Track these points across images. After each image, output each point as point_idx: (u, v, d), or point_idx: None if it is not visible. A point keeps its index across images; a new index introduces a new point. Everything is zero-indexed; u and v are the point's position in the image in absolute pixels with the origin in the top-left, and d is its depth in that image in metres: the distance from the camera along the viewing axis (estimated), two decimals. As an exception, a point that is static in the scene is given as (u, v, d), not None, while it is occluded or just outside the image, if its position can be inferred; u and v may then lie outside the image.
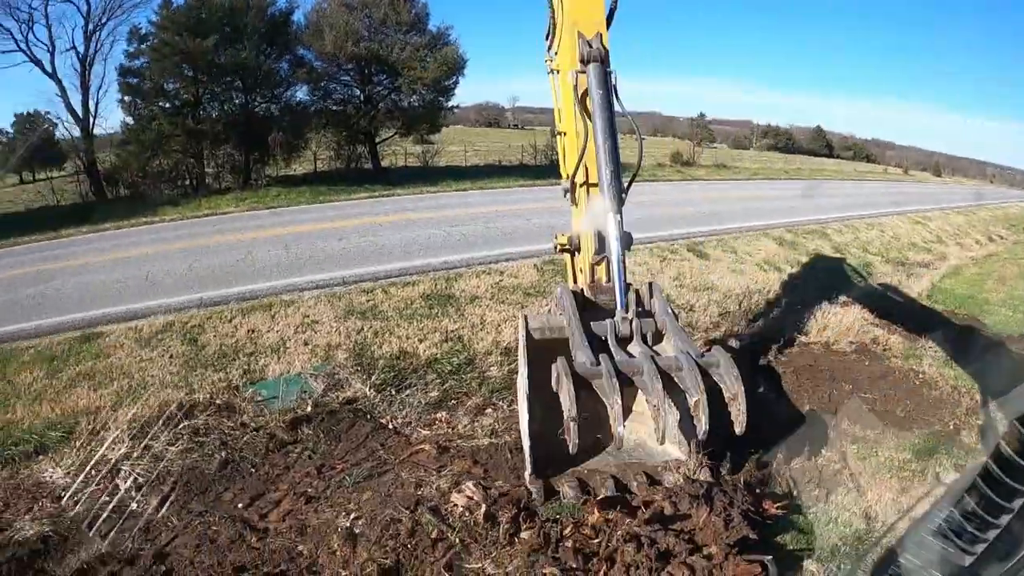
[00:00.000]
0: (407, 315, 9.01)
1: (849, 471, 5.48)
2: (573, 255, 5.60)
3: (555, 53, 5.60)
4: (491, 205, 19.53)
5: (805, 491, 5.16)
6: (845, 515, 4.83)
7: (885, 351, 8.26)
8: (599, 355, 3.97)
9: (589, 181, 5.01)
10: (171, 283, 11.06)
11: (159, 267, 12.15)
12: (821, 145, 76.54)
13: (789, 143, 76.41)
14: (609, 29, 4.84)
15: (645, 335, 4.36)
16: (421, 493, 4.83)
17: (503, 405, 6.50)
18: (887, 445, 5.89)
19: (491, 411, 6.38)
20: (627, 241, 4.56)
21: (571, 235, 5.47)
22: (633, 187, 4.84)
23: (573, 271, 5.71)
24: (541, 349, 4.68)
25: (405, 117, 27.61)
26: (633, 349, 4.25)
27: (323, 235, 14.65)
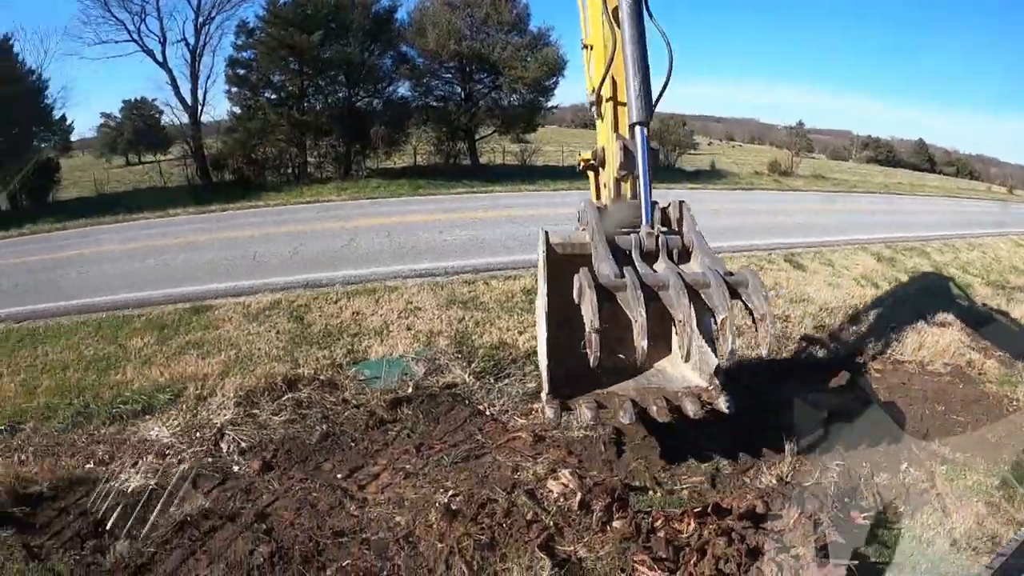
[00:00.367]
0: (507, 307, 9.17)
1: (936, 491, 5.35)
2: (597, 171, 5.49)
3: None
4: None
5: (891, 507, 5.13)
6: (929, 534, 4.75)
7: (980, 375, 7.92)
8: (623, 267, 3.96)
9: (616, 93, 4.88)
10: (277, 264, 11.61)
11: (265, 248, 12.76)
12: (923, 159, 72.58)
13: (890, 156, 72.80)
14: None
15: (671, 251, 4.34)
16: (517, 477, 4.95)
17: None
18: (976, 469, 5.67)
19: None
20: (654, 158, 4.53)
21: (595, 149, 5.36)
22: (729, 194, 4.82)
23: (597, 187, 5.63)
24: (562, 265, 4.58)
25: (504, 115, 27.99)
26: (658, 267, 4.23)
27: (424, 227, 14.97)
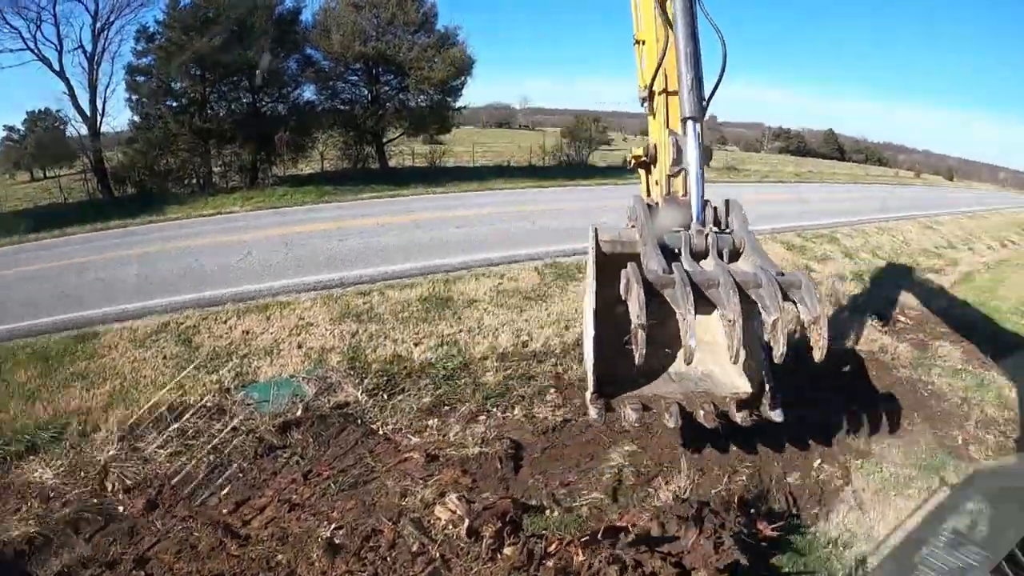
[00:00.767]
0: (403, 318, 8.88)
1: (851, 488, 5.29)
2: (648, 168, 5.38)
3: None
4: (497, 207, 19.48)
5: (804, 509, 4.98)
6: (846, 536, 4.64)
7: (893, 360, 8.05)
8: (672, 264, 3.83)
9: (668, 88, 4.81)
10: (170, 283, 11.01)
11: (159, 267, 12.14)
12: (833, 148, 75.98)
13: (801, 146, 75.82)
14: None
15: (721, 251, 4.19)
16: (405, 504, 4.79)
17: (496, 412, 6.34)
18: (892, 460, 5.69)
19: (483, 418, 6.22)
20: (707, 154, 4.44)
21: (647, 146, 5.26)
22: (635, 188, 4.71)
23: (647, 185, 5.49)
24: (610, 263, 4.47)
25: (412, 117, 27.65)
26: (707, 265, 4.09)
27: (325, 235, 14.59)
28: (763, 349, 4.54)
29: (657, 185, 5.04)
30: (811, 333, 3.60)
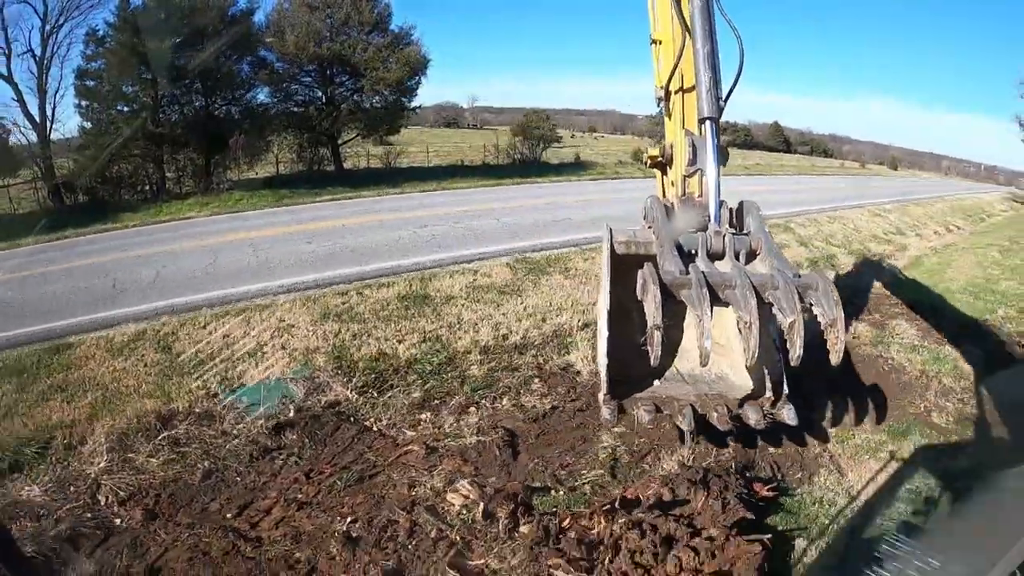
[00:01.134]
0: (384, 317, 8.96)
1: (829, 454, 5.64)
2: (664, 169, 5.33)
3: None
4: (458, 205, 19.63)
5: (788, 475, 5.30)
6: (829, 495, 4.97)
7: (855, 338, 8.45)
8: (688, 265, 3.83)
9: (684, 86, 4.80)
10: (138, 290, 10.91)
11: (123, 275, 11.98)
12: (779, 141, 77.65)
13: (747, 138, 77.23)
14: None
15: (738, 252, 4.16)
16: (415, 494, 4.87)
17: (486, 404, 6.49)
18: (863, 428, 6.09)
19: (475, 410, 6.36)
20: (724, 155, 4.44)
21: (663, 146, 5.21)
22: (596, 184, 4.81)
23: (663, 186, 5.44)
24: (624, 265, 4.48)
25: (367, 118, 27.62)
26: (723, 266, 4.06)
27: (290, 238, 14.62)
28: (777, 351, 4.62)
29: (673, 186, 5.00)
30: (828, 336, 3.59)
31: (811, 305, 3.68)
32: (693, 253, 4.13)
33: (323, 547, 4.33)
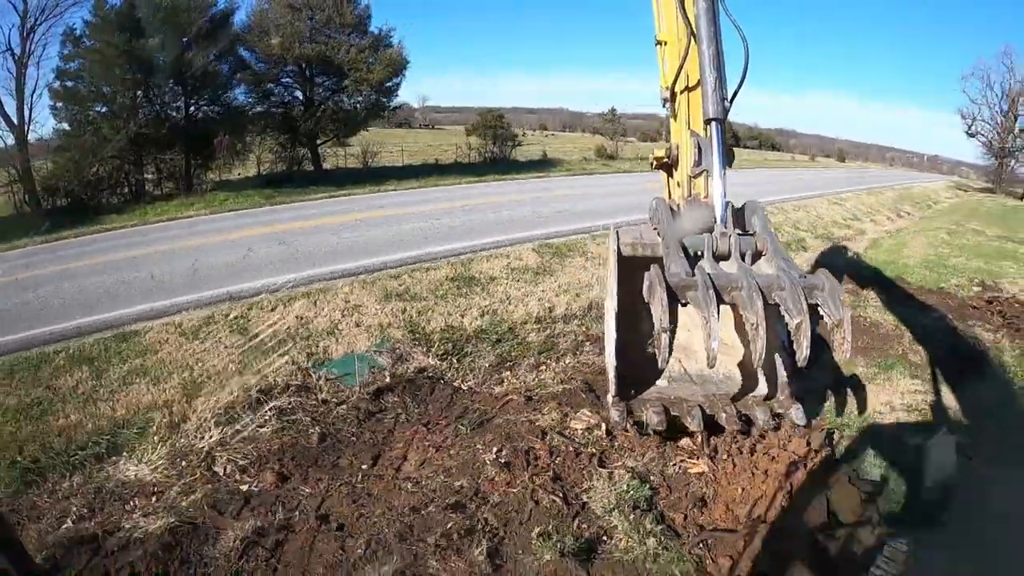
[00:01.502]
0: (440, 295, 9.81)
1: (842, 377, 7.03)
2: (670, 171, 5.39)
3: None
4: (454, 200, 20.30)
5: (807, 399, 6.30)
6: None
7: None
8: (695, 267, 3.90)
9: (689, 85, 4.86)
10: (183, 281, 11.12)
11: (159, 268, 12.19)
12: (728, 136, 79.03)
13: (698, 134, 78.28)
14: None
15: (744, 253, 4.16)
16: (539, 426, 5.46)
17: (551, 363, 7.32)
18: (858, 364, 7.49)
19: (545, 367, 7.19)
20: (730, 156, 4.52)
21: (668, 147, 5.26)
22: (569, 180, 5.49)
23: (668, 187, 5.50)
24: (631, 267, 4.50)
25: (347, 118, 27.91)
26: (729, 267, 4.08)
27: (313, 231, 15.14)
28: (784, 351, 4.78)
29: (679, 187, 5.06)
30: (834, 336, 3.64)
31: (817, 305, 3.72)
32: (699, 254, 4.16)
33: (479, 474, 4.75)
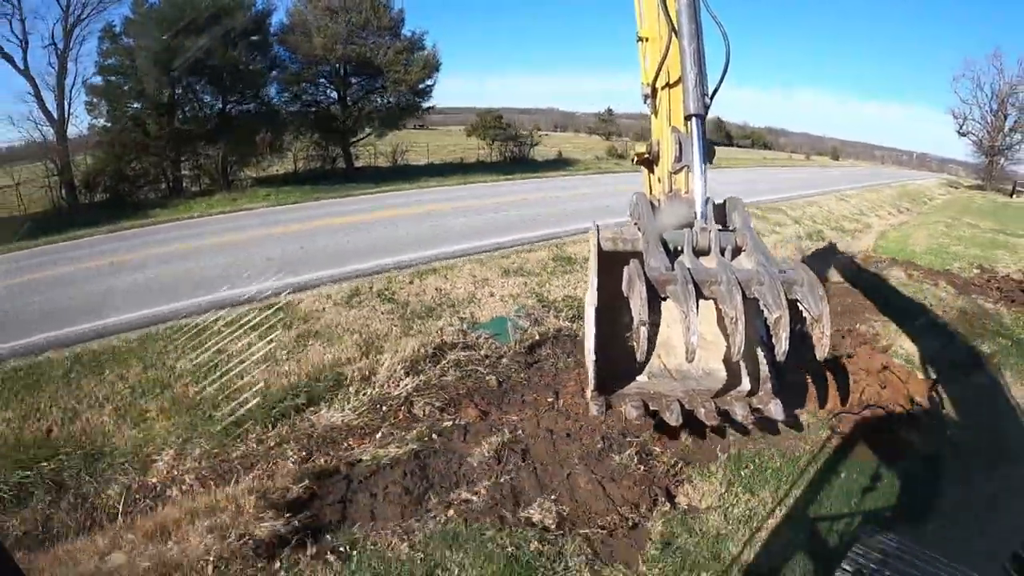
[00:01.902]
0: (550, 271, 11.16)
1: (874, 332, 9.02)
2: (651, 166, 5.33)
3: None
4: (504, 196, 21.20)
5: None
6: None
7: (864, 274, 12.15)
8: (675, 262, 3.88)
9: (670, 81, 4.79)
10: (306, 259, 11.96)
11: (274, 250, 12.81)
12: (721, 135, 78.72)
13: (689, 134, 77.58)
14: None
15: (724, 248, 4.14)
16: None
17: None
18: (889, 319, 9.44)
19: None
20: (710, 152, 4.46)
21: (650, 143, 5.21)
22: (592, 178, 6.31)
23: (650, 182, 5.43)
24: (611, 261, 4.46)
25: (382, 117, 28.45)
26: (709, 263, 4.07)
27: (387, 223, 15.77)
28: (764, 346, 4.74)
29: (660, 182, 5.00)
30: (813, 331, 3.60)
31: (797, 301, 3.67)
32: (679, 249, 4.14)
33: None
